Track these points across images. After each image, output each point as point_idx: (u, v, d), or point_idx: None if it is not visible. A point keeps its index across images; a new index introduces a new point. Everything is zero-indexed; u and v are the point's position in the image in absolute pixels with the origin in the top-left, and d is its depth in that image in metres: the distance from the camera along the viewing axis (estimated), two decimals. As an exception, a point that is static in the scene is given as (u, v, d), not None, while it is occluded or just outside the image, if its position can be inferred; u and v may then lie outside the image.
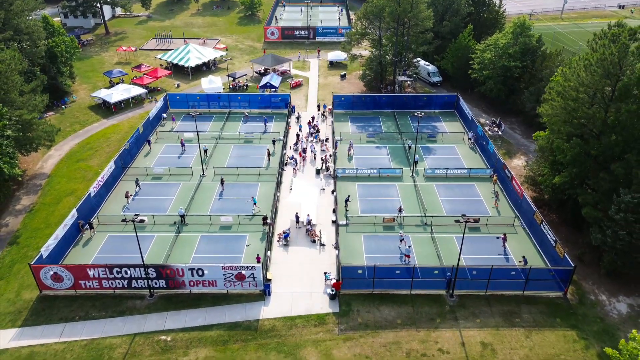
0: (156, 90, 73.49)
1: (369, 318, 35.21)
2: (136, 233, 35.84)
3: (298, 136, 59.66)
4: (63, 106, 68.18)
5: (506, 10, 79.99)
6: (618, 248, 36.11)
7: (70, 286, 36.94)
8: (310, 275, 39.18)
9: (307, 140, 59.20)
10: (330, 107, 66.95)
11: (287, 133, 60.97)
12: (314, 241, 42.98)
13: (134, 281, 36.79)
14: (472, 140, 58.67)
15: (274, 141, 57.41)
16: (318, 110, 67.28)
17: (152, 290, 37.05)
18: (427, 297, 36.92)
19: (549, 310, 35.92)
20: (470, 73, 66.69)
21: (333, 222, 45.19)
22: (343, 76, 78.81)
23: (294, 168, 54.07)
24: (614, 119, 37.30)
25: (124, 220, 33.18)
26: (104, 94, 67.32)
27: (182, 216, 44.66)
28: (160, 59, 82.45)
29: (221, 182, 50.31)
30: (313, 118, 63.92)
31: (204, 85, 71.21)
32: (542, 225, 40.74)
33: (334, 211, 46.32)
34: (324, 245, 42.57)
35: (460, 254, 35.62)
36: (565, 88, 39.88)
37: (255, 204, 46.22)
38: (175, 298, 37.00)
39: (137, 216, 33.53)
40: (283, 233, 43.23)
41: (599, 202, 37.91)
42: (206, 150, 55.70)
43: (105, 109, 67.59)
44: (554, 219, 45.29)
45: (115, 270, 36.23)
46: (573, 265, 36.01)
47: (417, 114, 49.62)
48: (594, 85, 37.80)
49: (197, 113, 50.86)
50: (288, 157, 55.62)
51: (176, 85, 75.88)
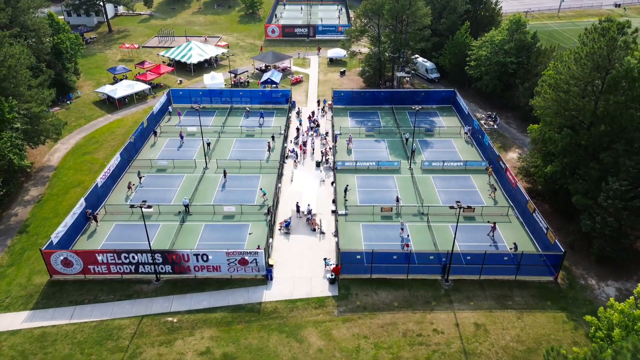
0: (159, 86, 74.92)
1: (367, 301, 36.66)
2: (144, 218, 37.34)
3: (298, 130, 61.08)
4: (68, 101, 69.61)
5: (502, 8, 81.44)
6: (607, 234, 37.56)
7: (79, 271, 38.37)
8: (310, 261, 40.61)
9: (308, 134, 60.62)
10: (330, 103, 68.36)
11: (288, 127, 62.41)
12: (314, 230, 44.39)
13: (141, 266, 38.21)
14: (469, 134, 60.11)
15: (274, 137, 58.63)
16: (318, 105, 68.70)
17: (159, 275, 38.49)
18: (423, 282, 38.35)
19: (540, 293, 37.36)
20: (467, 69, 68.14)
21: (333, 212, 46.61)
22: (343, 73, 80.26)
23: (295, 161, 55.50)
24: (603, 110, 38.75)
25: (132, 206, 34.48)
26: (109, 90, 68.80)
27: (187, 206, 46.08)
28: (162, 56, 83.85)
29: (224, 174, 51.73)
30: (313, 113, 65.36)
31: (206, 81, 72.65)
32: (535, 213, 42.17)
33: (334, 201, 47.74)
34: (324, 233, 44.00)
35: (454, 240, 37.04)
36: (556, 81, 41.34)
37: (264, 195, 47.61)
38: (180, 283, 38.43)
39: (145, 202, 34.94)
40: (284, 222, 44.65)
41: (589, 191, 39.35)
42: (209, 143, 57.09)
43: (109, 104, 69.02)
44: (547, 209, 46.72)
45: (123, 255, 37.66)
46: (563, 250, 37.44)
47: (415, 108, 51.04)
48: (584, 77, 39.25)
49: (201, 107, 52.24)
50: (289, 151, 57.04)
51: (179, 81, 77.29)
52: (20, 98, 49.19)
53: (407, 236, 42.64)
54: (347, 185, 49.41)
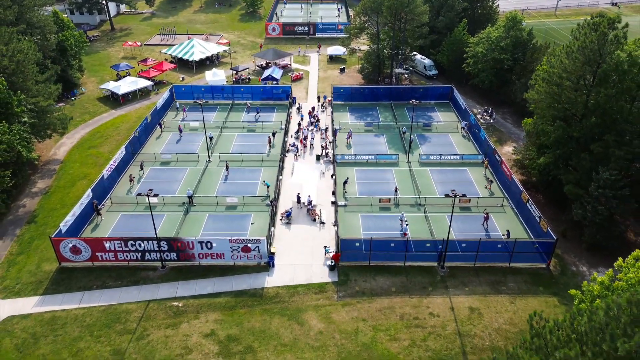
0: (162, 83, 76.18)
1: (366, 286, 37.96)
2: (150, 206, 38.63)
3: (299, 125, 62.38)
4: (73, 98, 70.89)
5: (500, 6, 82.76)
6: (597, 222, 38.88)
7: (87, 258, 39.67)
8: (311, 249, 41.92)
9: (308, 129, 61.90)
10: (330, 99, 69.65)
11: (289, 122, 63.71)
12: (315, 220, 45.69)
13: (147, 253, 39.52)
14: (465, 129, 61.40)
15: (274, 133, 59.69)
16: (318, 101, 69.99)
17: (164, 262, 39.79)
18: (420, 269, 39.65)
19: (533, 279, 38.68)
20: (464, 67, 69.44)
21: (332, 203, 47.89)
22: (342, 70, 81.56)
23: (295, 154, 56.80)
24: (594, 103, 40.06)
25: (140, 194, 35.81)
26: (112, 86, 70.08)
27: (190, 197, 47.37)
28: (165, 54, 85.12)
29: (226, 167, 53.01)
30: (313, 108, 66.66)
31: (208, 77, 73.93)
32: (528, 203, 43.48)
33: (333, 193, 49.03)
34: (324, 223, 45.30)
35: (450, 227, 38.35)
36: (549, 74, 42.66)
37: (268, 187, 48.87)
38: (185, 269, 39.73)
39: (151, 191, 36.24)
40: (285, 212, 45.94)
41: (580, 180, 40.67)
42: (211, 137, 58.38)
43: (113, 101, 70.30)
44: (541, 200, 48.04)
45: (130, 243, 38.96)
46: (555, 238, 38.75)
47: (412, 102, 52.33)
48: (576, 71, 40.57)
49: (205, 102, 53.52)
50: (289, 145, 58.33)
51: (181, 78, 78.55)
52: (28, 92, 50.51)
53: (406, 225, 43.89)
54: (347, 177, 50.69)
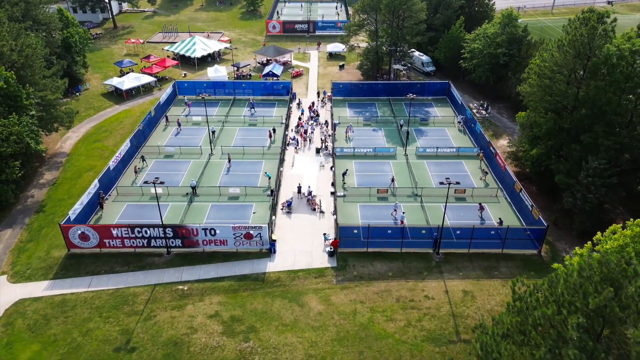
0: (164, 79, 77.63)
1: (364, 271, 39.43)
2: (156, 194, 40.14)
3: (299, 119, 63.83)
4: (77, 93, 72.34)
5: (497, 4, 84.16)
6: (587, 210, 40.34)
7: (95, 245, 41.13)
8: (311, 237, 43.38)
9: (308, 123, 63.36)
10: (329, 94, 71.11)
11: (289, 117, 65.17)
12: (314, 209, 47.15)
13: (153, 240, 40.97)
14: (462, 123, 62.87)
15: (275, 129, 60.87)
16: (318, 97, 71.45)
17: (169, 248, 41.26)
18: (416, 255, 41.13)
19: (525, 265, 40.14)
20: (461, 62, 70.90)
21: (332, 194, 49.34)
22: (342, 66, 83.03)
23: (296, 147, 58.25)
24: (584, 95, 41.52)
25: (147, 182, 37.23)
26: (116, 82, 71.55)
27: (194, 187, 48.81)
28: (167, 51, 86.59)
29: (228, 160, 54.46)
30: (313, 103, 68.12)
31: (210, 74, 75.38)
32: (521, 193, 44.95)
33: (333, 184, 50.48)
34: (323, 212, 46.77)
35: (444, 214, 39.82)
36: (541, 68, 44.13)
37: (269, 178, 50.31)
38: (190, 256, 41.20)
39: (158, 179, 37.70)
40: (286, 202, 47.40)
41: (571, 170, 42.14)
42: (214, 131, 59.82)
43: (117, 96, 71.76)
44: (534, 191, 49.49)
45: (136, 230, 40.42)
46: (546, 225, 40.23)
47: (409, 96, 53.83)
48: (567, 64, 42.04)
49: (208, 96, 54.99)
50: (290, 138, 59.79)
51: (183, 74, 79.99)
52: (36, 86, 51.96)
53: (403, 214, 45.32)
54: (346, 169, 52.14)
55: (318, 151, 57.56)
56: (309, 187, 48.44)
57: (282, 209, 47.18)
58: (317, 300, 36.64)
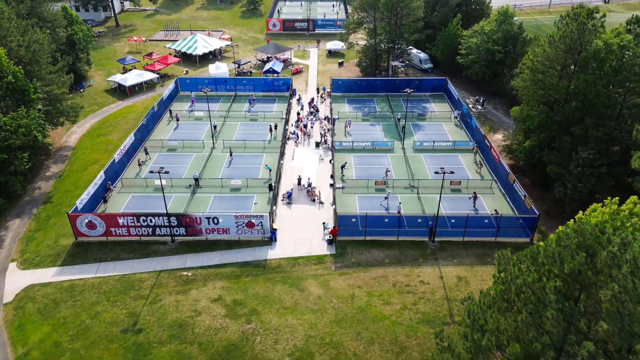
0: (167, 76, 79.00)
1: (361, 258, 40.83)
2: (161, 184, 41.51)
3: (299, 115, 65.22)
4: (81, 90, 73.75)
5: (494, 2, 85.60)
6: (577, 199, 41.72)
7: (102, 233, 42.51)
8: (310, 226, 44.78)
9: (308, 118, 64.75)
10: (329, 90, 72.49)
11: (289, 112, 66.57)
12: (314, 200, 48.55)
13: (158, 229, 42.36)
14: (458, 118, 64.26)
15: (276, 125, 62.16)
16: (317, 93, 72.83)
17: (174, 237, 42.63)
18: (412, 243, 42.52)
19: (517, 252, 41.41)
20: (457, 59, 72.29)
21: (331, 186, 50.71)
22: (341, 64, 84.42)
23: (296, 141, 59.65)
24: (575, 88, 42.92)
25: (152, 171, 38.62)
26: (119, 79, 72.96)
27: (197, 179, 50.20)
28: (169, 48, 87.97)
29: (230, 153, 55.85)
30: (313, 99, 69.51)
31: (212, 70, 76.77)
32: (514, 184, 46.35)
33: (332, 176, 51.87)
34: (323, 203, 48.16)
35: (439, 203, 41.20)
36: (534, 63, 45.52)
37: (270, 171, 51.70)
38: (193, 244, 42.59)
39: (162, 168, 39.10)
40: (287, 193, 48.79)
41: (562, 161, 43.53)
42: (215, 126, 61.20)
43: (120, 92, 73.15)
44: (527, 183, 50.87)
45: (141, 218, 41.81)
46: (538, 213, 41.62)
47: (407, 91, 55.22)
48: (558, 59, 43.43)
49: (209, 91, 56.37)
50: (290, 133, 61.17)
51: (185, 71, 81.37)
52: (42, 81, 53.32)
53: (399, 204, 46.68)
54: (345, 162, 53.52)
55: (318, 145, 58.93)
56: (309, 179, 49.83)
57: (283, 200, 48.56)
58: (317, 285, 38.03)
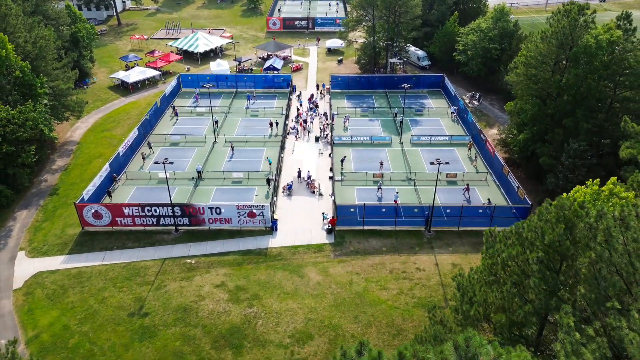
0: (169, 73, 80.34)
1: (360, 247, 42.16)
2: (166, 174, 42.84)
3: (299, 110, 66.56)
4: (85, 86, 75.05)
5: (491, 1, 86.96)
6: (568, 189, 42.86)
7: (108, 223, 43.82)
8: (310, 217, 46.10)
9: (307, 114, 66.09)
10: (328, 87, 73.82)
11: (289, 108, 67.91)
12: (314, 192, 49.88)
13: (162, 219, 43.68)
14: (455, 113, 65.60)
15: (276, 123, 63.07)
16: (317, 89, 74.17)
17: (177, 226, 43.95)
18: (409, 232, 43.86)
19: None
20: (454, 55, 73.64)
21: (330, 178, 52.04)
22: (340, 61, 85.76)
23: (296, 136, 60.98)
24: (566, 82, 44.26)
25: (157, 162, 39.95)
26: (122, 75, 74.27)
27: (199, 172, 51.51)
28: (171, 46, 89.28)
29: (231, 147, 57.16)
30: (312, 95, 70.86)
31: (213, 68, 78.07)
32: (508, 176, 47.68)
33: (331, 169, 53.19)
34: (322, 195, 49.50)
35: (435, 193, 42.55)
36: (527, 58, 46.85)
37: (270, 164, 53.02)
38: (197, 233, 43.91)
39: (167, 159, 40.40)
40: (287, 185, 50.11)
41: (554, 152, 44.87)
42: (217, 121, 62.53)
43: (123, 89, 74.48)
44: (522, 175, 52.22)
45: (146, 208, 43.12)
46: (530, 203, 42.95)
47: (404, 86, 56.58)
48: (550, 54, 44.77)
49: (212, 85, 57.67)
50: (290, 128, 62.50)
51: (186, 69, 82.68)
52: (48, 76, 54.65)
53: (396, 193, 47.97)
54: (344, 156, 54.85)
55: (317, 139, 60.25)
56: (309, 172, 51.14)
57: (283, 192, 49.87)
58: (316, 271, 39.35)
